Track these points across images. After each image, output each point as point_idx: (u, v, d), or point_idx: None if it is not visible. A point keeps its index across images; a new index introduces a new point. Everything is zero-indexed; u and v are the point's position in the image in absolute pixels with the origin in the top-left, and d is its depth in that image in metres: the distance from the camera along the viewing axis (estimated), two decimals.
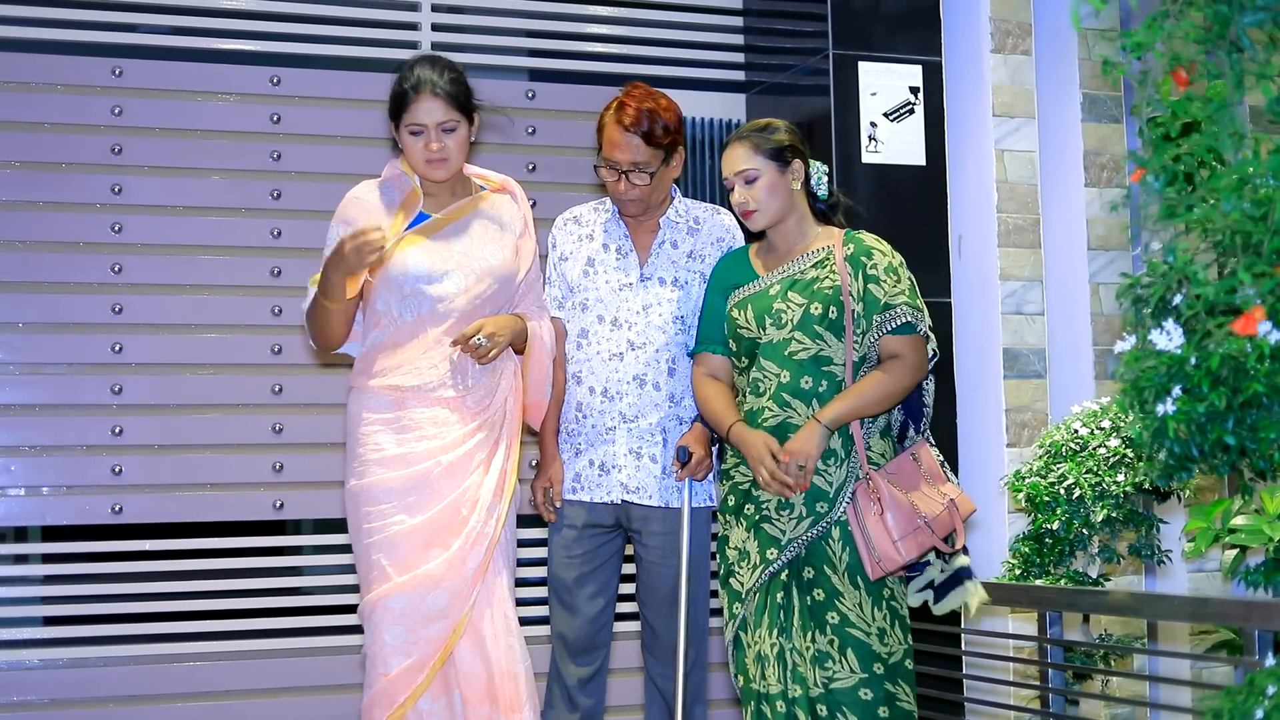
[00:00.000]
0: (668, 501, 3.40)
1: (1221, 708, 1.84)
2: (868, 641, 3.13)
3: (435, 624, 3.10)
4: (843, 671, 3.12)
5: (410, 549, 3.12)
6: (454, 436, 3.18)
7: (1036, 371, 4.53)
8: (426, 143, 3.19)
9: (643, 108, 3.35)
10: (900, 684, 3.16)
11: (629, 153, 3.35)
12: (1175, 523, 4.16)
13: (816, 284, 3.23)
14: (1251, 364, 1.75)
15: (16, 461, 4.18)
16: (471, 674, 3.13)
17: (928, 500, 3.17)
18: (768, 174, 3.27)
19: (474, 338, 3.14)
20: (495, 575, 3.18)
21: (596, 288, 3.46)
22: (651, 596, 3.45)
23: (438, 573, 3.10)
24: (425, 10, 4.65)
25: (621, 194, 3.39)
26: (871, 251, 3.25)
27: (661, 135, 3.35)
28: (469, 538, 3.13)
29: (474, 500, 3.16)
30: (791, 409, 3.20)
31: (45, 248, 4.24)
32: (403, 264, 3.20)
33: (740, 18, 4.97)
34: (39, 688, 4.14)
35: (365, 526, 3.16)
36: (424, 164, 3.22)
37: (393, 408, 3.18)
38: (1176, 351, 1.82)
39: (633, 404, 3.39)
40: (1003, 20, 4.60)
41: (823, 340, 3.21)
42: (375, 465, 3.16)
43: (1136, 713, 4.46)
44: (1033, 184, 4.59)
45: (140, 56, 4.39)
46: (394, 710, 3.10)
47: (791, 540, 3.17)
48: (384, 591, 3.11)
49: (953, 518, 3.18)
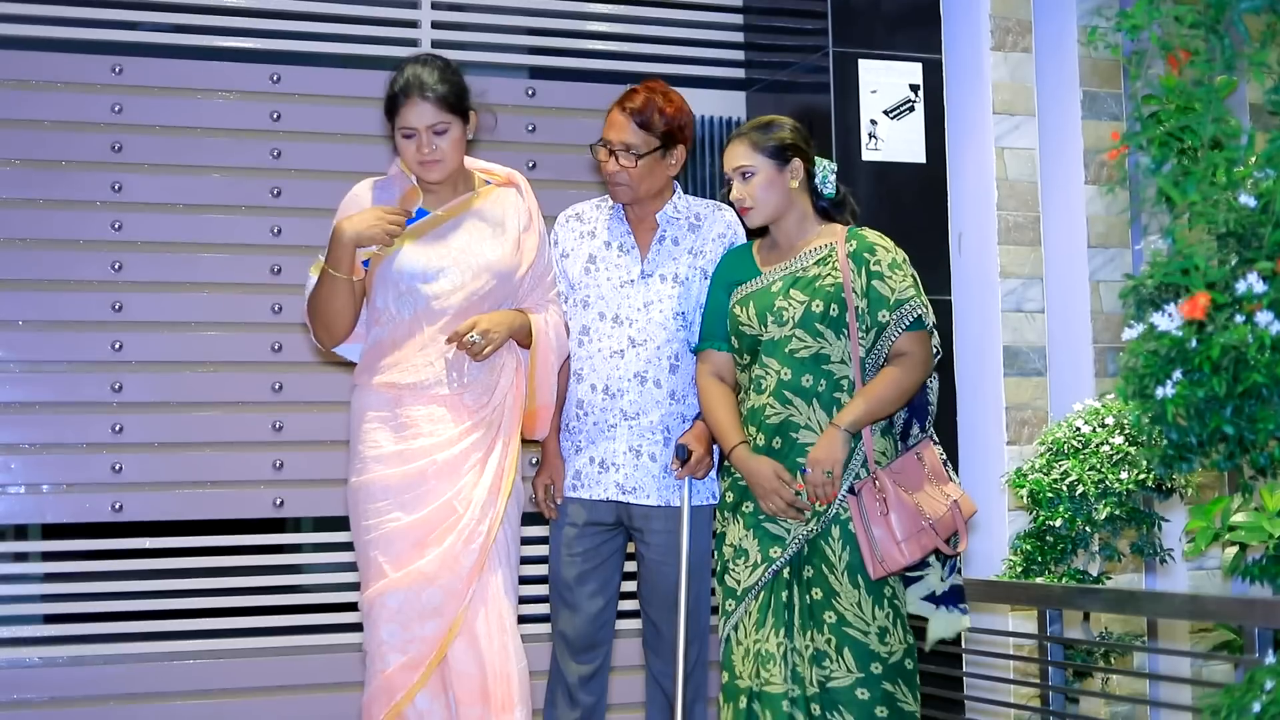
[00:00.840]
0: (667, 500, 3.40)
1: (1221, 705, 1.83)
2: (865, 641, 3.12)
3: (430, 622, 3.10)
4: (840, 671, 3.11)
5: (405, 547, 3.12)
6: (449, 435, 3.17)
7: (1036, 369, 4.53)
8: (418, 145, 3.18)
9: (648, 97, 3.40)
10: (900, 684, 3.14)
11: (620, 132, 3.39)
12: (1176, 521, 4.16)
13: (818, 281, 3.23)
14: (1252, 354, 1.75)
15: (16, 459, 4.17)
16: (464, 673, 3.12)
17: (931, 501, 3.16)
18: (765, 171, 3.27)
19: (467, 335, 3.13)
20: (490, 574, 3.18)
21: (598, 284, 3.46)
22: (653, 595, 3.44)
23: (431, 570, 3.10)
24: (425, 8, 4.65)
25: (609, 175, 3.41)
26: (874, 248, 3.25)
27: (657, 123, 3.37)
28: (462, 536, 3.12)
29: (468, 499, 3.15)
30: (793, 406, 3.20)
31: (45, 245, 4.24)
32: (398, 262, 3.20)
33: (740, 15, 4.97)
34: (39, 686, 4.13)
35: (364, 523, 3.17)
36: (417, 166, 3.22)
37: (390, 405, 3.18)
38: (1177, 333, 1.82)
39: (633, 401, 3.39)
40: (1003, 18, 4.59)
41: (823, 339, 3.20)
42: (373, 462, 3.17)
43: (1137, 710, 4.46)
44: (1033, 181, 4.59)
45: (140, 54, 4.38)
46: (391, 707, 3.10)
47: (796, 537, 3.16)
48: (380, 588, 3.12)
49: (955, 519, 3.17)
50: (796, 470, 3.18)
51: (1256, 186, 1.85)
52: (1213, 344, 1.77)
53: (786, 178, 3.29)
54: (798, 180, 3.30)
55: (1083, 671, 3.78)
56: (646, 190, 3.44)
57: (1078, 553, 3.81)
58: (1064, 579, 3.77)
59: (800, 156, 3.30)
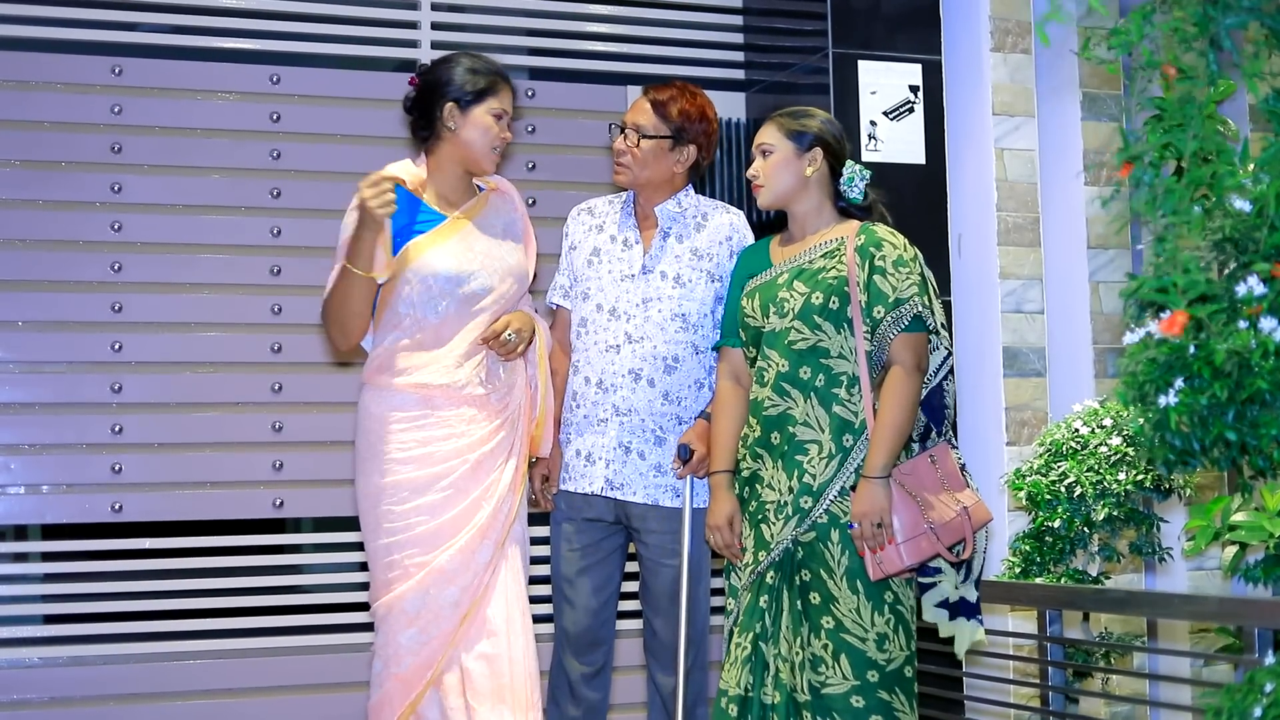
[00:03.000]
0: (656, 500, 3.37)
1: (1221, 705, 1.83)
2: (863, 648, 3.07)
3: (447, 619, 3.10)
4: (835, 677, 3.07)
5: (434, 548, 3.11)
6: (481, 434, 3.18)
7: (1036, 370, 4.53)
8: (503, 129, 3.27)
9: (674, 88, 3.47)
10: (897, 693, 3.09)
11: (636, 114, 3.45)
12: (1175, 521, 4.16)
13: (822, 274, 3.20)
14: (1256, 360, 1.75)
15: (16, 460, 4.17)
16: (477, 671, 3.11)
17: (939, 505, 3.11)
18: (782, 151, 3.26)
19: (504, 334, 3.17)
20: (507, 570, 3.18)
21: (599, 277, 3.46)
22: (650, 595, 3.44)
23: (451, 568, 3.10)
24: (425, 9, 4.65)
25: (615, 153, 3.46)
26: (882, 243, 3.19)
27: (672, 112, 3.41)
28: (481, 532, 3.13)
29: (491, 495, 3.16)
30: (791, 399, 3.18)
31: (45, 246, 4.24)
32: (430, 264, 3.17)
33: (740, 16, 4.97)
34: (39, 686, 4.14)
35: (385, 525, 3.14)
36: (490, 150, 3.28)
37: (420, 405, 3.16)
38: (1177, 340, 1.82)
39: (626, 398, 3.38)
40: (1002, 19, 4.60)
41: (821, 331, 3.17)
42: (399, 464, 3.14)
43: (1136, 711, 4.46)
44: (1032, 183, 4.59)
45: (140, 55, 4.38)
46: (406, 708, 3.09)
47: (779, 541, 3.15)
48: (401, 593, 3.10)
49: (963, 526, 3.12)
50: (794, 470, 3.15)
51: (1250, 190, 1.85)
52: (1216, 350, 1.77)
53: (803, 164, 3.26)
54: (814, 169, 3.26)
55: (1082, 672, 3.78)
56: (648, 178, 3.44)
57: (1077, 553, 3.81)
58: (1063, 579, 3.77)
59: (823, 148, 3.27)
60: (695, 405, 3.41)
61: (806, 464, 3.14)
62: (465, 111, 3.25)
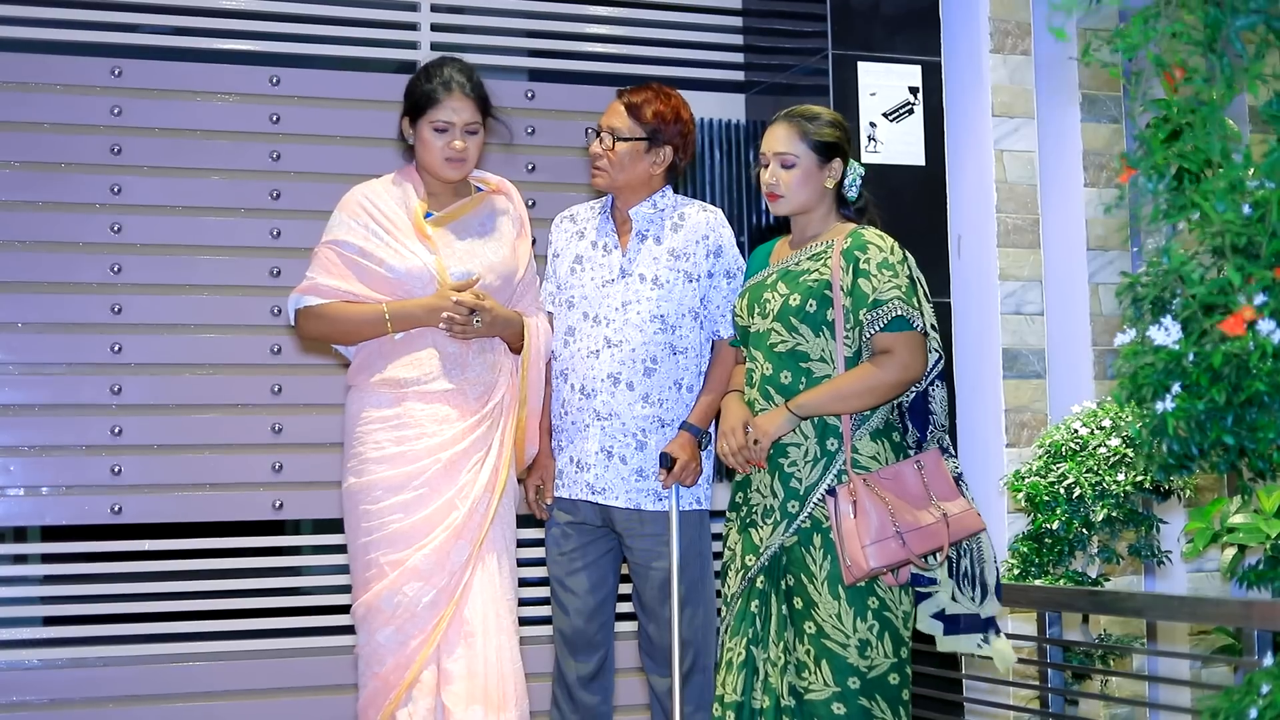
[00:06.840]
0: (638, 504, 3.36)
1: (1220, 708, 1.83)
2: (843, 654, 3.03)
3: (424, 619, 3.11)
4: (817, 683, 3.04)
5: (406, 547, 3.13)
6: (454, 433, 3.19)
7: (1036, 372, 4.53)
8: (450, 141, 3.24)
9: (647, 91, 3.45)
10: (878, 700, 3.03)
11: (610, 116, 3.44)
12: (1175, 523, 4.16)
13: (804, 276, 3.18)
14: (1254, 362, 1.75)
15: (16, 461, 4.17)
16: (459, 674, 3.11)
17: (916, 511, 3.03)
18: (806, 163, 3.22)
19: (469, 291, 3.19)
20: (486, 572, 3.18)
21: (581, 284, 3.46)
22: (641, 599, 3.44)
23: (424, 567, 3.11)
24: (425, 10, 4.65)
25: (591, 157, 3.46)
26: (867, 246, 3.15)
27: (647, 114, 3.40)
28: (455, 532, 3.13)
29: (466, 497, 3.17)
30: (774, 402, 3.16)
31: (44, 248, 4.24)
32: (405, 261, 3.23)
33: (739, 18, 4.97)
34: (38, 688, 4.14)
35: (363, 525, 3.17)
36: (443, 162, 3.26)
37: (393, 404, 3.20)
38: (1174, 347, 1.82)
39: (606, 402, 3.36)
40: (1002, 20, 4.60)
41: (799, 334, 3.15)
42: (374, 463, 3.18)
43: (1135, 713, 4.46)
44: (1032, 184, 4.59)
45: (140, 56, 4.39)
46: (386, 708, 3.10)
47: (768, 546, 3.13)
48: (377, 591, 3.12)
49: (940, 533, 3.03)
50: (776, 472, 3.15)
51: (1252, 195, 1.84)
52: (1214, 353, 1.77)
53: (824, 175, 3.23)
54: (833, 180, 3.24)
55: (1082, 673, 3.78)
56: (625, 181, 3.43)
57: (1076, 555, 3.81)
58: (1062, 581, 3.77)
59: (841, 158, 3.25)
60: (676, 407, 3.39)
61: (791, 468, 3.13)
62: (415, 125, 3.29)
